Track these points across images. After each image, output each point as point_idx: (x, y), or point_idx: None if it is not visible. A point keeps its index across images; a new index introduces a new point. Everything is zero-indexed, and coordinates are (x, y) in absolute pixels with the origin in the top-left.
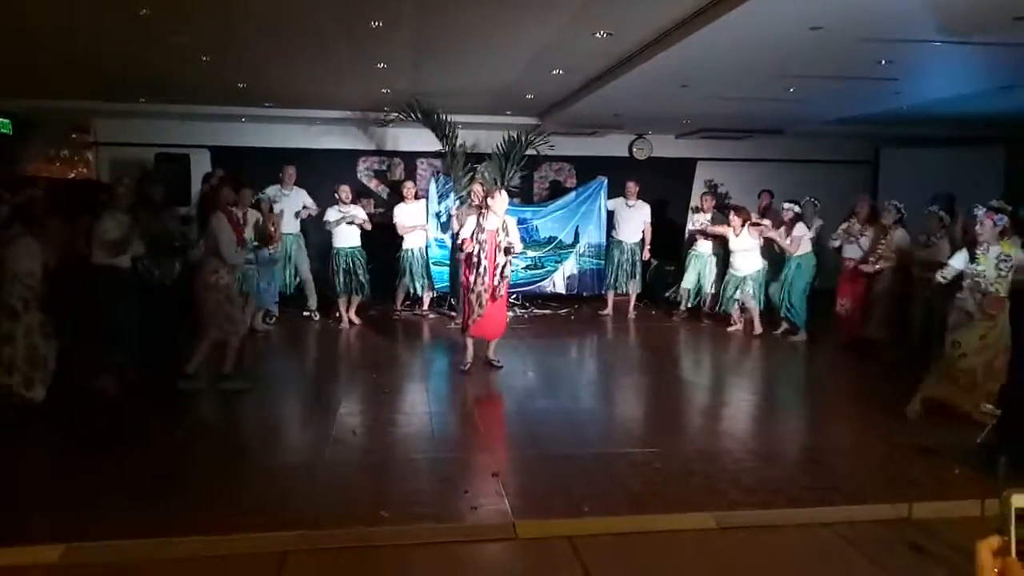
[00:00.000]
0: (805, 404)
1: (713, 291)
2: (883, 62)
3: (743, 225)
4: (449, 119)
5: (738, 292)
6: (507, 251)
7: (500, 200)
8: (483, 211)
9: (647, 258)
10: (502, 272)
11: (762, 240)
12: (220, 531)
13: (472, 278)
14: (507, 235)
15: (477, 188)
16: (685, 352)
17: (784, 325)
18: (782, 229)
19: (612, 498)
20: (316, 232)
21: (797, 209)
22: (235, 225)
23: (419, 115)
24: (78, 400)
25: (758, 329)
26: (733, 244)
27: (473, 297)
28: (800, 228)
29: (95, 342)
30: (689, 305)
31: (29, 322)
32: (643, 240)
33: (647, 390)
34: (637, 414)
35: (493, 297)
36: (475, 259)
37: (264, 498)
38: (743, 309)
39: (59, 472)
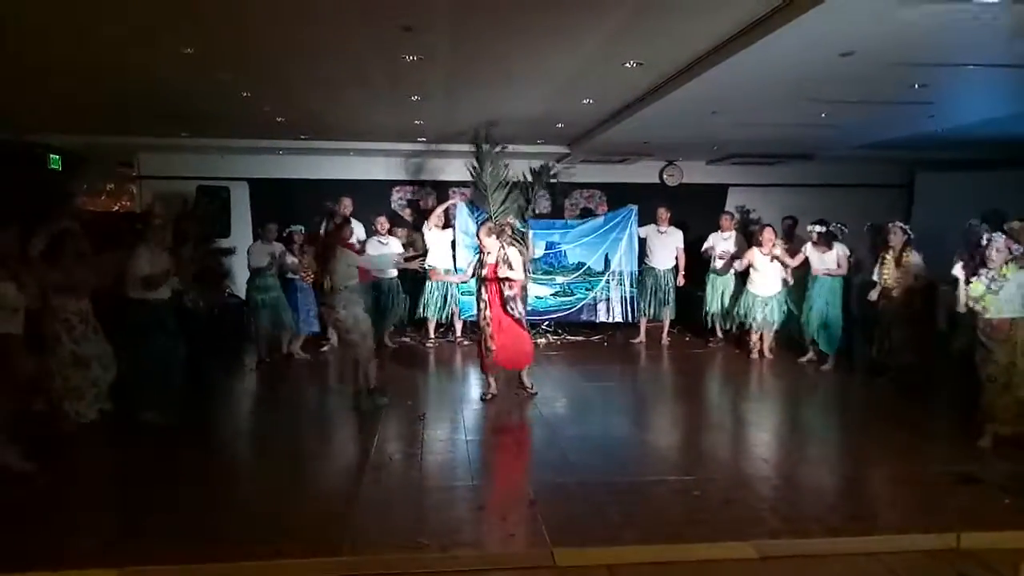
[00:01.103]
0: (843, 431)
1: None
2: (916, 86)
3: (773, 245)
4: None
5: (759, 314)
6: (505, 280)
7: (483, 233)
8: (480, 248)
9: (682, 284)
10: (510, 304)
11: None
12: (262, 556)
13: (480, 315)
14: (510, 267)
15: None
16: (718, 379)
17: (811, 352)
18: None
19: (650, 526)
20: None
21: (820, 229)
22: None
23: (484, 147)
24: (126, 430)
25: (768, 354)
26: (759, 264)
27: (482, 337)
28: (842, 247)
29: (137, 374)
30: (723, 329)
31: (73, 351)
32: (676, 266)
33: (682, 417)
34: (673, 441)
35: (499, 327)
36: (479, 296)
37: (305, 525)
38: (758, 332)
39: (108, 501)
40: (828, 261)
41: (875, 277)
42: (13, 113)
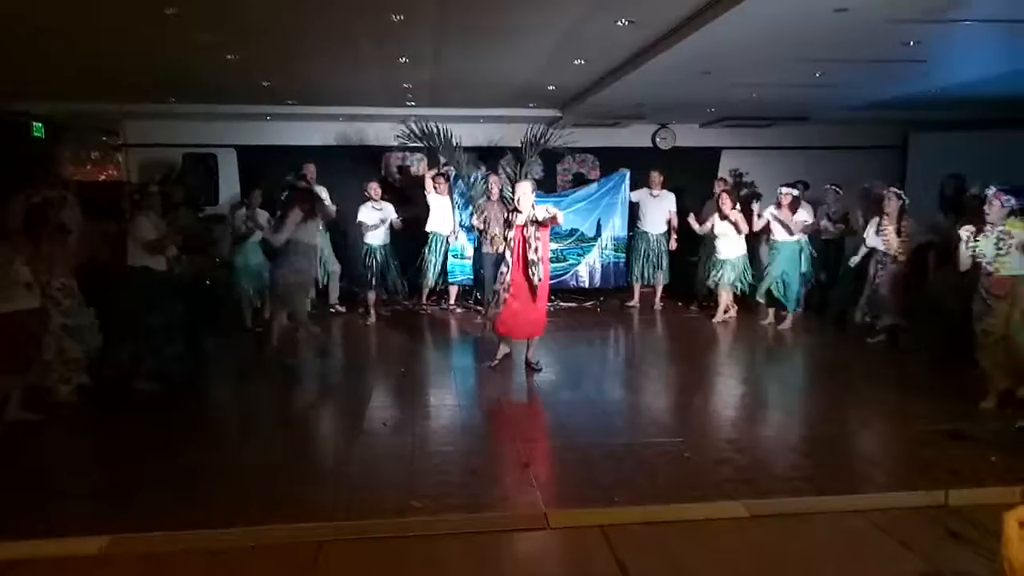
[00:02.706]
0: (832, 391)
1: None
2: (911, 43)
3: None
4: (451, 135)
5: (721, 276)
6: (549, 221)
7: (522, 191)
8: (511, 210)
9: (674, 248)
10: (531, 269)
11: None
12: (256, 522)
13: (499, 273)
14: (537, 227)
15: (494, 179)
16: (710, 342)
17: (769, 315)
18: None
19: (643, 488)
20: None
21: (795, 192)
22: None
23: (421, 136)
24: (117, 398)
25: (721, 317)
26: (719, 228)
27: (502, 290)
28: (803, 212)
29: (133, 342)
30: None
31: (62, 323)
32: (669, 230)
33: (674, 381)
34: (665, 404)
35: (533, 293)
36: (504, 256)
37: (298, 490)
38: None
39: (100, 467)
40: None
41: (869, 242)
42: None
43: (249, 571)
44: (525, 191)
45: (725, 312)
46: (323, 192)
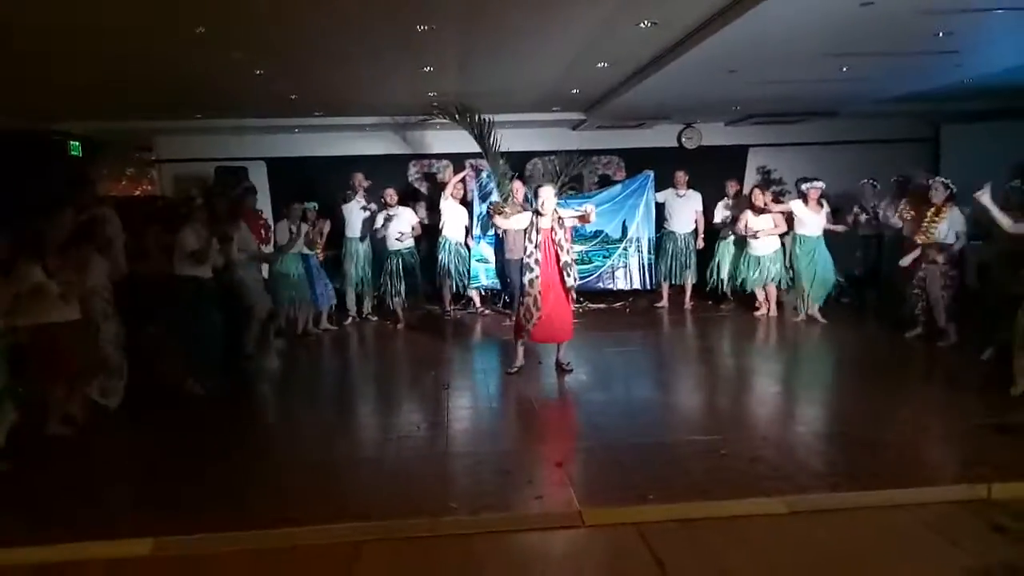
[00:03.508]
0: (870, 386)
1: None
2: (940, 34)
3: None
4: (488, 120)
5: (759, 274)
6: (580, 220)
7: (545, 195)
8: (536, 213)
9: (701, 247)
10: (567, 271)
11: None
12: (296, 523)
13: (526, 280)
14: (563, 228)
15: (517, 184)
16: (742, 340)
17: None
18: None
19: (678, 485)
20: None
21: (822, 186)
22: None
23: (457, 117)
24: (163, 405)
25: (774, 311)
26: (753, 223)
27: (529, 300)
28: (826, 208)
29: (180, 350)
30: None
31: (105, 334)
32: (696, 230)
33: (706, 379)
34: (698, 403)
35: (568, 296)
36: (529, 260)
37: (335, 492)
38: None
39: (145, 471)
40: (821, 220)
41: (909, 234)
42: (34, 102)
43: (290, 571)
44: (548, 195)
45: (757, 308)
46: (406, 212)
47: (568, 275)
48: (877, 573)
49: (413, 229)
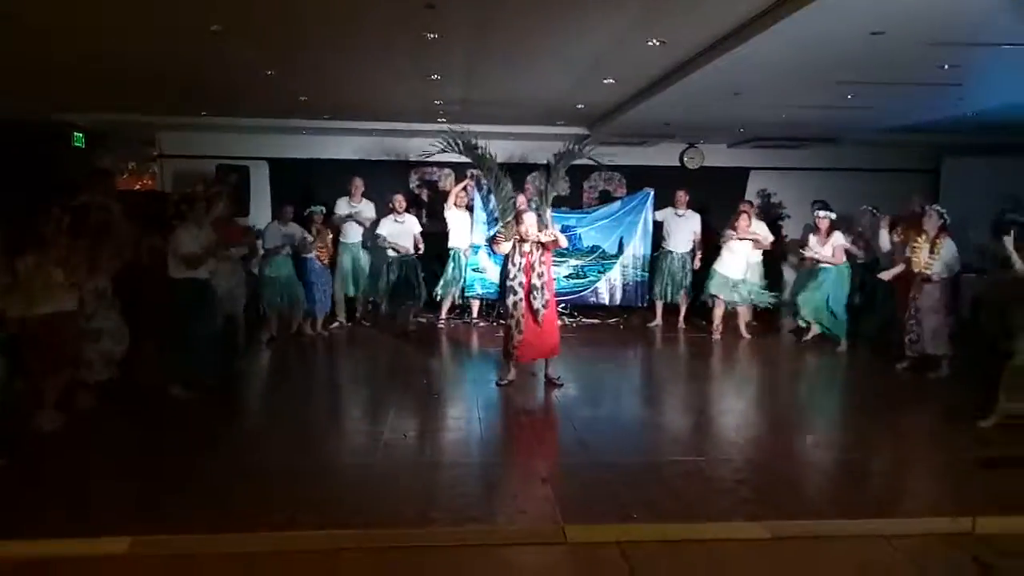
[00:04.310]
0: (859, 415)
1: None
2: (946, 66)
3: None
4: (489, 148)
5: (734, 295)
6: (551, 244)
7: (528, 220)
8: (518, 235)
9: (698, 267)
10: (534, 294)
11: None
12: (278, 527)
13: (510, 303)
14: (543, 252)
15: (521, 199)
16: (733, 362)
17: (811, 332)
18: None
19: (661, 506)
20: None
21: (832, 216)
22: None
23: (462, 150)
24: (147, 402)
25: (745, 334)
26: (731, 245)
27: (512, 324)
28: (838, 237)
29: (170, 349)
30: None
31: (101, 325)
32: (694, 250)
33: (696, 399)
34: (686, 423)
35: (535, 320)
36: (512, 283)
37: (319, 498)
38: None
39: (127, 469)
40: (827, 250)
41: (897, 260)
42: (38, 92)
43: (269, 575)
44: (531, 221)
45: (741, 331)
46: (369, 210)
47: (534, 298)
48: None
49: (415, 240)
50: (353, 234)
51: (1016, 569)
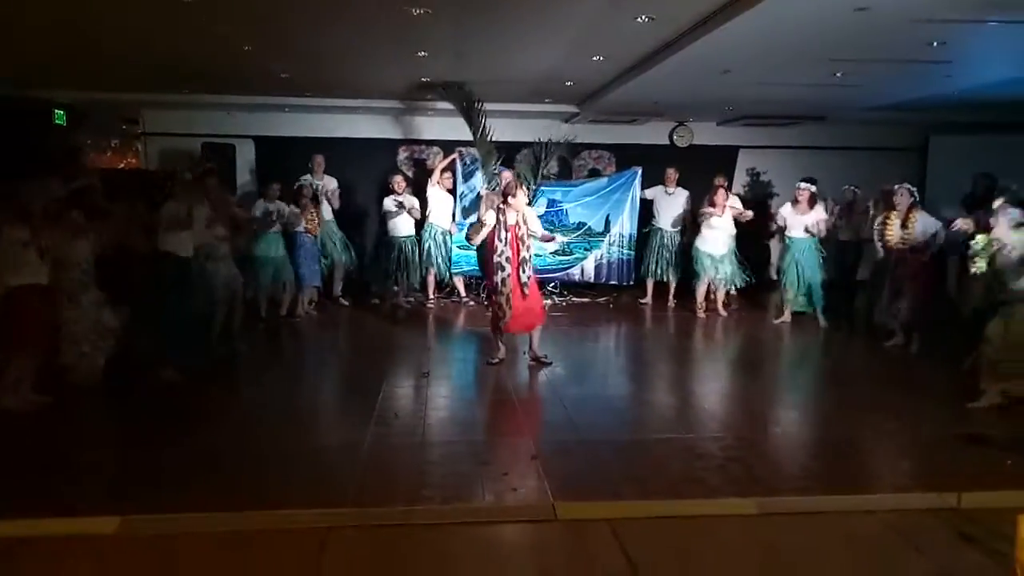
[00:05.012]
0: (846, 393)
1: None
2: (934, 44)
3: (726, 202)
4: (482, 108)
5: (717, 272)
6: (544, 239)
7: (521, 197)
8: (503, 207)
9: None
10: (523, 267)
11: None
12: (267, 507)
13: (499, 279)
14: (528, 227)
15: (506, 174)
16: (722, 340)
17: (786, 314)
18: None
19: (651, 483)
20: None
21: (813, 189)
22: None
23: (454, 99)
24: (138, 382)
25: (723, 311)
26: (712, 222)
27: (502, 300)
28: (820, 210)
29: (157, 327)
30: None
31: (91, 299)
32: (684, 228)
33: (684, 377)
34: (675, 401)
35: (523, 293)
36: (500, 259)
37: (309, 476)
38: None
39: (116, 449)
40: (806, 219)
41: (876, 238)
42: (17, 67)
43: (258, 554)
44: (519, 195)
45: (718, 308)
46: (331, 183)
47: (524, 271)
48: None
49: (414, 215)
50: (324, 211)
51: (997, 541)
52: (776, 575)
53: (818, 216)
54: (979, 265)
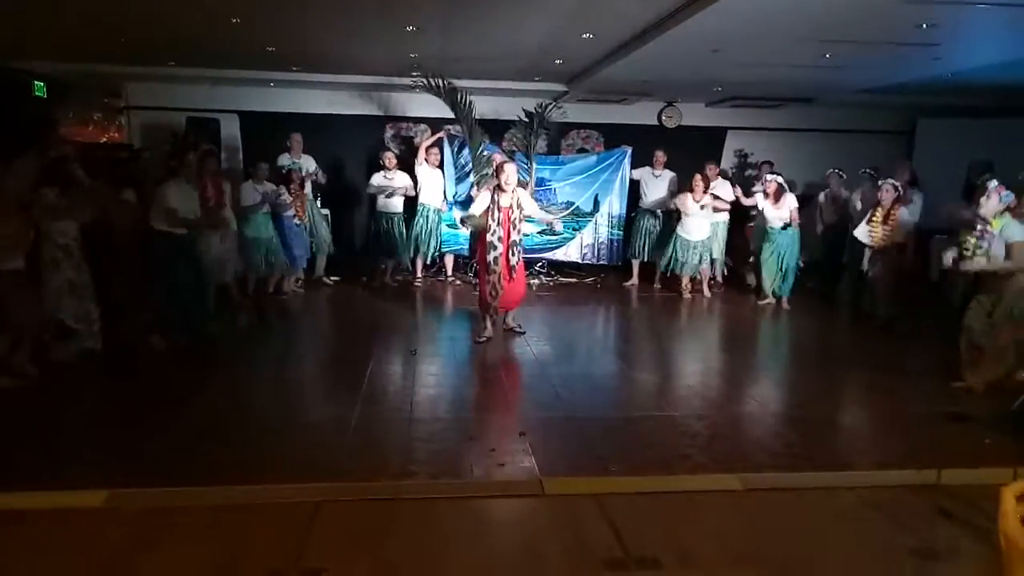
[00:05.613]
0: (830, 373)
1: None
2: (924, 26)
3: (706, 190)
4: (468, 96)
5: (700, 259)
6: (545, 220)
7: (510, 172)
8: (497, 189)
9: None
10: (513, 250)
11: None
12: (257, 481)
13: (490, 258)
14: (522, 210)
15: (497, 157)
16: (708, 321)
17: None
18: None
19: (638, 459)
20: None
21: (780, 180)
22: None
23: (440, 89)
24: (127, 356)
25: (708, 293)
26: (689, 209)
27: (494, 279)
28: (791, 199)
29: (147, 303)
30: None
31: (69, 278)
32: (670, 210)
33: (672, 356)
34: (661, 379)
35: (510, 276)
36: (492, 239)
37: (298, 452)
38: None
39: (106, 423)
40: (781, 214)
41: (860, 235)
42: None
43: (247, 527)
44: (511, 172)
45: (703, 291)
46: (311, 163)
47: (514, 253)
48: (825, 551)
49: (407, 192)
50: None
51: (977, 516)
52: (759, 549)
53: (790, 207)
54: (976, 263)
